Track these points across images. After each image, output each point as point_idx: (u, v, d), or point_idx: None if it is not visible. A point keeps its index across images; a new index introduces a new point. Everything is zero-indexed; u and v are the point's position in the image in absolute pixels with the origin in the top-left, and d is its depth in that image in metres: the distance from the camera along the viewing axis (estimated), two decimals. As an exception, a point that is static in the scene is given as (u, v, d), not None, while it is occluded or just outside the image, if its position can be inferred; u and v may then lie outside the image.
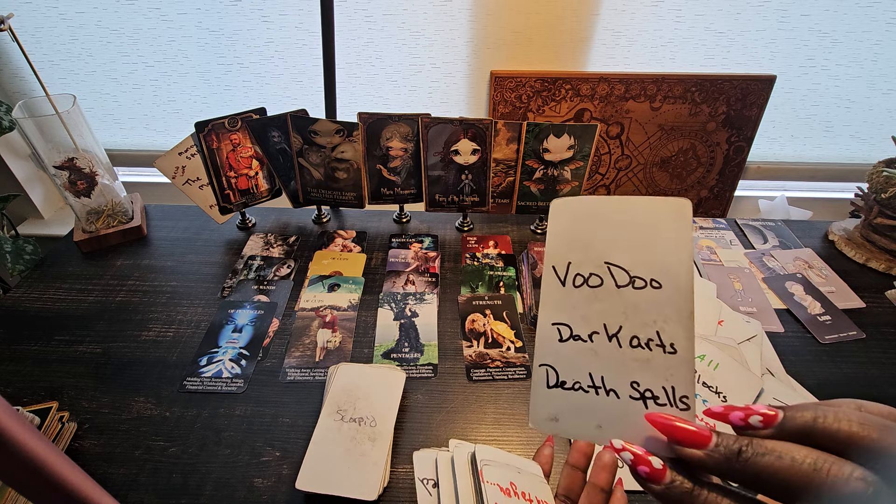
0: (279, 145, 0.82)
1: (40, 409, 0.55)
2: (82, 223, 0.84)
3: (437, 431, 0.58)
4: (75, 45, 1.07)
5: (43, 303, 0.74)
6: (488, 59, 1.05)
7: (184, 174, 0.83)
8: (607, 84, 1.05)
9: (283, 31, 1.04)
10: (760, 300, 0.76)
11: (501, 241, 0.88)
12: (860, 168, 1.20)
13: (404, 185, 0.87)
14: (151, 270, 0.81)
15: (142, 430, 0.57)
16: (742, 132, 1.12)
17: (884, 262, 0.83)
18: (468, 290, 0.77)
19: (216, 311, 0.73)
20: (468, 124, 0.79)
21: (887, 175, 0.81)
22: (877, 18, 1.00)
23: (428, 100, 1.12)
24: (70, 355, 0.66)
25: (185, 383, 0.62)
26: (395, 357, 0.67)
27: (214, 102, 1.15)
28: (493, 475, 0.44)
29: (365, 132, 0.80)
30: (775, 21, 1.01)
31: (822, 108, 1.13)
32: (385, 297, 0.75)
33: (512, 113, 1.09)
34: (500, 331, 0.70)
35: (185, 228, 0.90)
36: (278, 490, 0.52)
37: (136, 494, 0.51)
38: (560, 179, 0.84)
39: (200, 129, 0.78)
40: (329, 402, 0.57)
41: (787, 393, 0.62)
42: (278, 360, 0.66)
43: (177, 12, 1.03)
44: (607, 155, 1.15)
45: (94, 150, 0.81)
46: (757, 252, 0.86)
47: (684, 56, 1.05)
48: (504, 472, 0.44)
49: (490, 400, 0.62)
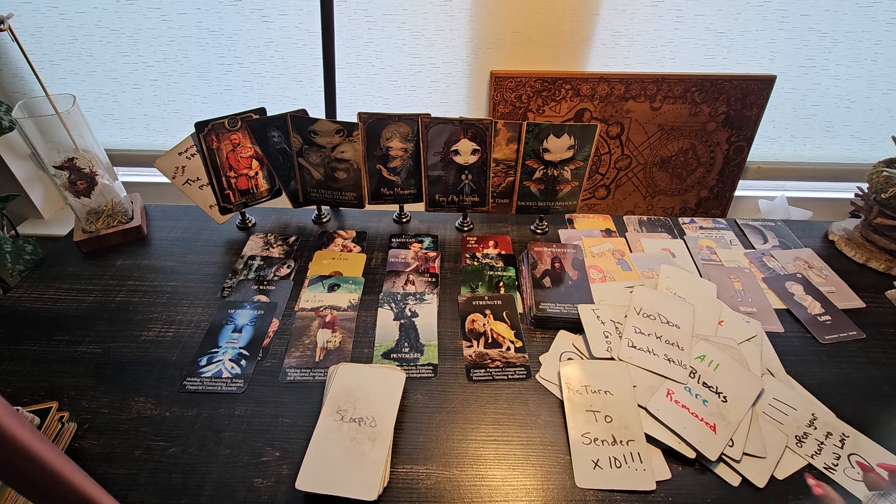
0: (279, 145, 0.82)
1: (40, 409, 0.55)
2: (82, 223, 0.84)
3: (437, 431, 0.58)
4: (75, 45, 1.07)
5: (43, 303, 0.74)
6: (488, 59, 1.05)
7: (184, 174, 0.83)
8: (607, 84, 1.05)
9: (283, 31, 1.04)
10: (760, 300, 0.76)
11: (501, 241, 0.88)
12: (860, 168, 1.20)
13: (404, 185, 0.86)
14: (151, 270, 0.81)
15: (142, 430, 0.57)
16: (742, 132, 1.12)
17: (884, 262, 0.83)
18: (468, 290, 0.77)
19: (216, 311, 0.73)
20: (468, 124, 0.79)
21: (887, 175, 0.81)
22: (877, 18, 1.00)
23: (428, 100, 1.12)
24: (70, 355, 0.66)
25: (185, 383, 0.62)
26: (395, 357, 0.66)
27: (214, 102, 1.15)
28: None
29: (365, 132, 0.80)
30: (775, 21, 1.01)
31: (822, 108, 1.13)
32: (385, 297, 0.75)
33: (512, 113, 1.09)
34: (499, 331, 0.70)
35: (185, 228, 0.90)
36: (278, 490, 0.52)
37: (136, 494, 0.51)
38: (560, 179, 0.84)
39: (200, 129, 0.78)
40: (329, 403, 0.57)
41: (787, 393, 0.62)
42: (278, 360, 0.66)
43: (177, 12, 1.03)
44: (607, 155, 1.15)
45: (93, 150, 0.81)
46: (757, 252, 0.86)
47: (684, 56, 1.05)
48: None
49: (490, 400, 0.62)
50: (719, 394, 0.60)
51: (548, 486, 0.53)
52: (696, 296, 0.72)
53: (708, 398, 0.59)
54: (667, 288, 0.74)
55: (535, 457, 0.55)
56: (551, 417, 0.59)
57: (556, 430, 0.58)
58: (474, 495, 0.52)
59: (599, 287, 0.76)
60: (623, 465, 0.54)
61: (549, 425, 0.59)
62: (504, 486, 0.53)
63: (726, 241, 0.89)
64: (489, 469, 0.54)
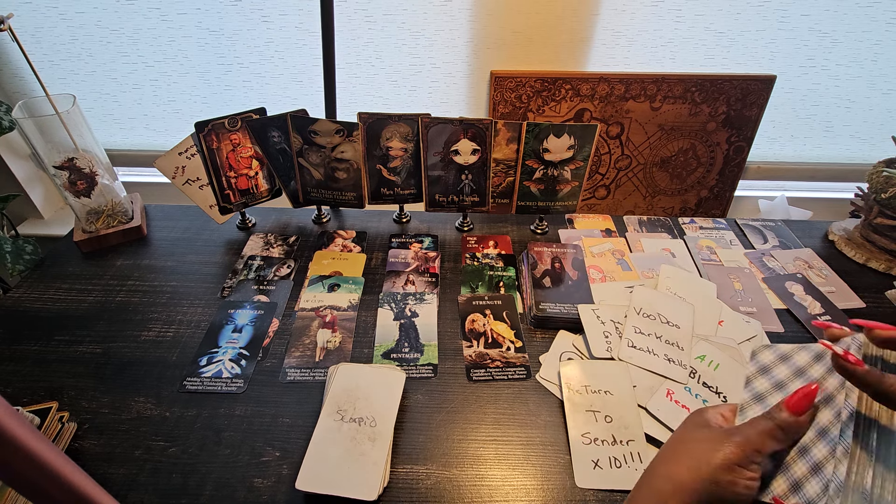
0: (279, 145, 0.82)
1: (40, 409, 0.55)
2: (82, 223, 0.84)
3: (437, 431, 0.58)
4: (75, 45, 1.07)
5: (43, 303, 0.74)
6: (488, 59, 1.05)
7: (184, 174, 0.83)
8: (607, 84, 1.05)
9: (283, 31, 1.04)
10: (760, 300, 0.76)
11: (501, 241, 0.88)
12: (860, 168, 1.20)
13: (404, 185, 0.86)
14: (151, 270, 0.81)
15: (142, 430, 0.57)
16: (742, 132, 1.12)
17: (884, 262, 0.83)
18: (468, 290, 0.77)
19: (216, 311, 0.73)
20: (468, 124, 0.79)
21: (887, 175, 0.81)
22: (877, 18, 1.00)
23: (428, 100, 1.12)
24: (70, 355, 0.66)
25: (185, 383, 0.62)
26: (395, 357, 0.66)
27: (214, 102, 1.15)
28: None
29: (365, 132, 0.80)
30: (775, 21, 1.01)
31: (822, 108, 1.13)
32: (385, 297, 0.75)
33: (512, 113, 1.09)
34: (499, 331, 0.70)
35: (185, 228, 0.90)
36: (278, 490, 0.52)
37: (136, 494, 0.51)
38: (560, 179, 0.84)
39: (200, 129, 0.78)
40: (329, 402, 0.57)
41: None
42: (278, 360, 0.66)
43: (177, 12, 1.03)
44: (607, 155, 1.15)
45: (93, 150, 0.81)
46: (757, 252, 0.86)
47: (684, 56, 1.05)
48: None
49: (490, 400, 0.62)
50: (719, 394, 0.60)
51: (548, 486, 0.53)
52: (696, 296, 0.72)
53: (708, 398, 0.59)
54: (667, 288, 0.74)
55: (535, 457, 0.55)
56: (551, 417, 0.59)
57: (556, 430, 0.58)
58: (474, 495, 0.52)
59: (599, 287, 0.76)
60: (623, 464, 0.54)
61: (549, 425, 0.59)
62: (504, 486, 0.53)
63: (726, 241, 0.89)
64: (489, 469, 0.54)
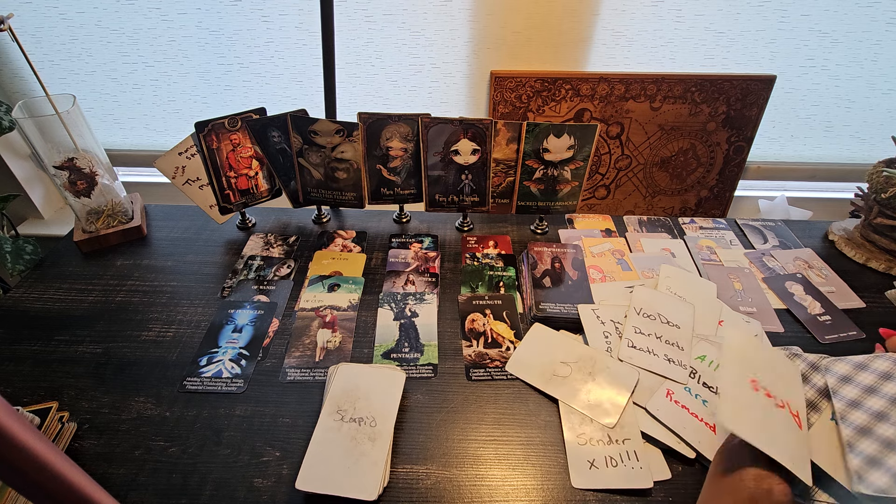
0: (279, 145, 0.82)
1: (40, 409, 0.55)
2: (82, 223, 0.84)
3: (437, 431, 0.58)
4: (75, 45, 1.07)
5: (43, 303, 0.74)
6: (488, 59, 1.05)
7: (184, 174, 0.83)
8: (607, 84, 1.05)
9: (283, 31, 1.04)
10: (760, 300, 0.76)
11: (501, 241, 0.88)
12: (860, 168, 1.20)
13: (404, 185, 0.87)
14: (151, 270, 0.81)
15: (142, 430, 0.57)
16: (742, 132, 1.12)
17: (884, 262, 0.83)
18: (468, 290, 0.77)
19: (216, 311, 0.73)
20: (468, 124, 0.79)
21: (887, 175, 0.81)
22: (877, 18, 1.00)
23: (428, 100, 1.12)
24: (70, 355, 0.66)
25: (185, 383, 0.62)
26: (395, 357, 0.67)
27: (214, 102, 1.15)
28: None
29: (365, 132, 0.80)
30: (775, 21, 1.01)
31: (822, 108, 1.13)
32: (385, 297, 0.75)
33: (512, 113, 1.09)
34: (499, 331, 0.70)
35: (185, 228, 0.90)
36: (278, 490, 0.52)
37: (136, 494, 0.51)
38: (560, 179, 0.84)
39: (200, 129, 0.78)
40: (329, 402, 0.57)
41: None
42: (278, 360, 0.66)
43: (177, 12, 1.03)
44: (607, 155, 1.15)
45: (94, 150, 0.81)
46: (757, 252, 0.86)
47: (684, 56, 1.05)
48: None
49: (490, 400, 0.62)
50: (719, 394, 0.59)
51: (547, 485, 0.53)
52: (696, 296, 0.72)
53: (708, 398, 0.59)
54: (667, 288, 0.74)
55: (534, 457, 0.55)
56: (551, 417, 0.59)
57: (556, 430, 0.58)
58: (474, 495, 0.52)
59: (599, 287, 0.76)
60: (619, 464, 0.54)
61: (549, 425, 0.59)
62: (504, 485, 0.53)
63: (726, 241, 0.89)
64: (489, 469, 0.54)
